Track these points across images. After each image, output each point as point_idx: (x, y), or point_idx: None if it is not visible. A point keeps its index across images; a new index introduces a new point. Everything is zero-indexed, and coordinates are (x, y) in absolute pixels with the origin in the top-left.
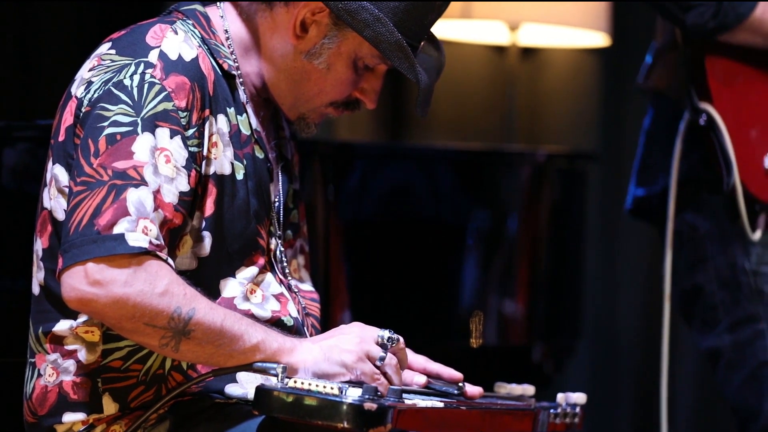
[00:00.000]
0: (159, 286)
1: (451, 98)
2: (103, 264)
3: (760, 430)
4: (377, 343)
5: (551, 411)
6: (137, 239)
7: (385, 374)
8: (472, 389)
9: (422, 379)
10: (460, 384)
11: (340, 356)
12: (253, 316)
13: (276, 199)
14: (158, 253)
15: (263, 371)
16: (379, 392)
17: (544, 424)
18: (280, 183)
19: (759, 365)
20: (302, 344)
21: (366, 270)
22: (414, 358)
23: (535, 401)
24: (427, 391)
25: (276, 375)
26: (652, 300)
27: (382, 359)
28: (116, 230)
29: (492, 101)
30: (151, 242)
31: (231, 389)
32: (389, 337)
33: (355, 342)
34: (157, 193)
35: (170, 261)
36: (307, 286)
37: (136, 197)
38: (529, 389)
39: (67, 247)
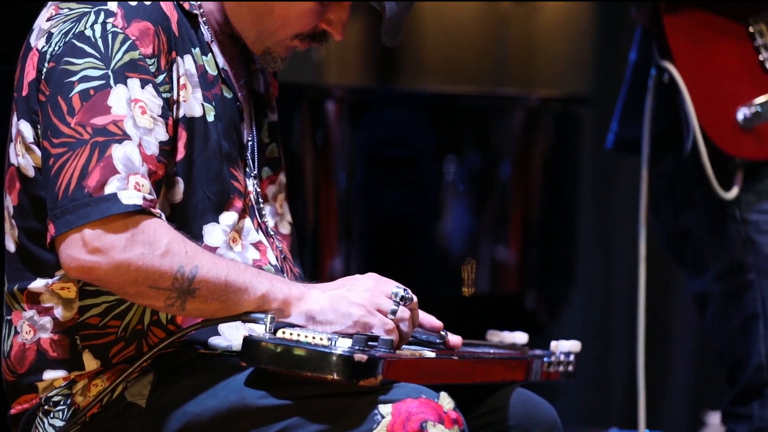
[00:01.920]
0: (159, 246)
1: (443, 41)
2: (99, 229)
3: (746, 381)
4: (389, 299)
5: (545, 359)
6: (131, 197)
7: (397, 327)
8: (454, 338)
9: None
10: (442, 333)
11: (348, 308)
12: None
13: (249, 139)
14: (152, 210)
15: (252, 321)
16: (372, 343)
17: (537, 372)
18: (254, 121)
19: (748, 317)
20: (310, 292)
21: (356, 217)
22: None
23: (528, 349)
24: (415, 340)
25: (264, 325)
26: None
27: (394, 312)
28: (107, 190)
29: (485, 44)
30: (144, 198)
31: (215, 341)
32: (403, 296)
33: (365, 297)
34: (139, 147)
35: (164, 216)
36: (286, 227)
37: (121, 153)
38: (522, 337)
39: (59, 213)
